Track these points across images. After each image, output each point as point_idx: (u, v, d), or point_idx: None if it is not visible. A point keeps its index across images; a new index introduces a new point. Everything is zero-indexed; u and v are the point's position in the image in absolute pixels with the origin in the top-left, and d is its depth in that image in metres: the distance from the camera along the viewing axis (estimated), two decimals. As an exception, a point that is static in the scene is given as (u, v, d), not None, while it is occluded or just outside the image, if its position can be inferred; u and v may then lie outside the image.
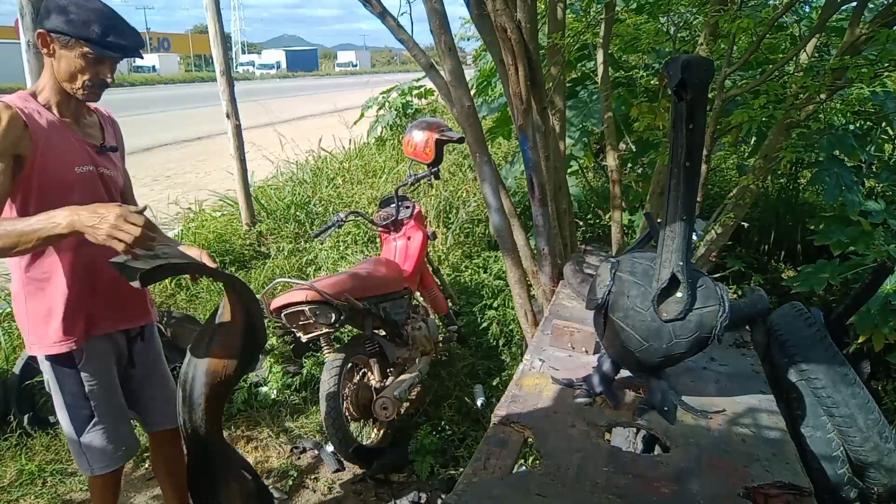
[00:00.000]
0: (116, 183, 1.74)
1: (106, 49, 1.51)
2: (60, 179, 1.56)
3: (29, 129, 1.50)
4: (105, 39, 1.50)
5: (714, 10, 2.45)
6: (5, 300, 3.48)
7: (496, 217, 2.49)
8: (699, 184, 1.79)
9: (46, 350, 1.64)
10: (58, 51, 1.52)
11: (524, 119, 2.28)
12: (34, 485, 2.56)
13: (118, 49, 1.53)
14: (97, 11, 1.51)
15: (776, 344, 2.13)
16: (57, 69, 1.55)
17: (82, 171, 1.61)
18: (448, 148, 5.15)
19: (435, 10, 2.22)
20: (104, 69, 1.56)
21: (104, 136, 1.75)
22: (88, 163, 1.64)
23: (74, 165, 1.59)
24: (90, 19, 1.48)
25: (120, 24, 1.54)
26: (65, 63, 1.53)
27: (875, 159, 3.62)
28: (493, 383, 3.15)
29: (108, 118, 1.83)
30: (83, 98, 1.60)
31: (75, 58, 1.52)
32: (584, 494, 1.25)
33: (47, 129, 1.55)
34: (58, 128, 1.58)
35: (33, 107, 1.56)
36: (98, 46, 1.50)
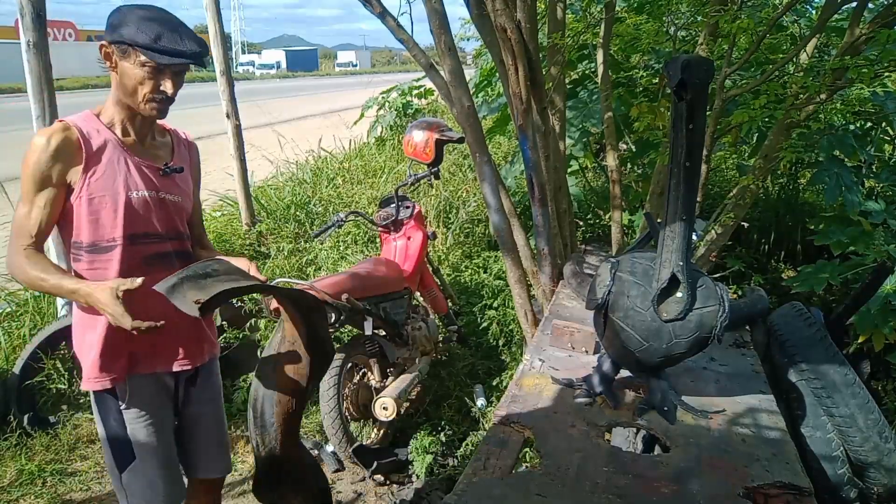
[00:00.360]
0: (182, 208, 1.62)
1: (159, 54, 1.40)
2: (111, 205, 1.48)
3: (83, 151, 1.44)
4: (158, 44, 1.40)
5: (714, 10, 2.45)
6: (5, 300, 3.48)
7: (496, 217, 2.49)
8: (699, 184, 1.79)
9: (86, 384, 1.55)
10: (119, 63, 1.44)
11: (524, 119, 2.27)
12: (34, 485, 2.56)
13: (172, 54, 1.41)
14: (154, 18, 1.43)
15: (776, 344, 2.13)
16: (119, 84, 1.47)
17: (137, 196, 1.51)
18: (448, 148, 5.14)
19: (435, 10, 2.22)
20: (164, 80, 1.45)
21: (173, 157, 1.64)
22: (147, 187, 1.53)
23: (129, 191, 1.49)
24: (144, 25, 1.41)
25: (177, 29, 1.43)
26: (124, 76, 1.44)
27: (875, 159, 3.62)
28: (493, 383, 3.15)
29: (184, 141, 1.71)
30: (147, 114, 1.50)
31: (133, 68, 1.43)
32: (584, 494, 1.25)
33: (103, 150, 1.47)
34: (116, 150, 1.49)
35: (94, 126, 1.49)
36: (150, 52, 1.40)
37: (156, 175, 1.56)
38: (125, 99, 1.48)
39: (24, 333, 3.24)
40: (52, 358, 3.04)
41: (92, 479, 2.63)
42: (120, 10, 1.44)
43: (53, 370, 3.04)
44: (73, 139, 1.43)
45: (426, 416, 2.95)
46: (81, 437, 2.87)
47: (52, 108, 3.04)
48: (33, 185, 1.42)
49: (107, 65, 1.46)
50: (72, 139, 1.43)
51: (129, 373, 1.56)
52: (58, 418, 2.96)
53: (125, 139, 1.52)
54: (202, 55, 1.46)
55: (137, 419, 1.57)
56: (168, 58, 1.41)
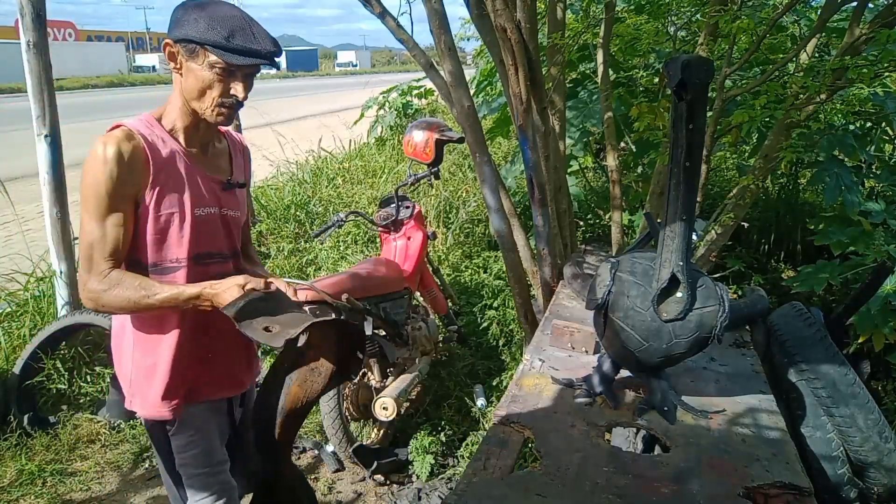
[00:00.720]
0: (238, 223, 1.53)
1: (232, 53, 1.27)
2: (177, 223, 1.36)
3: (150, 163, 1.31)
4: (231, 42, 1.26)
5: (714, 10, 2.45)
6: (5, 300, 3.48)
7: (496, 217, 2.49)
8: (699, 184, 1.79)
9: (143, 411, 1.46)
10: (185, 64, 1.31)
11: (524, 119, 2.27)
12: (34, 485, 2.56)
13: (246, 54, 1.28)
14: (225, 15, 1.29)
15: (776, 344, 2.13)
16: (185, 86, 1.33)
17: (202, 213, 1.40)
18: (448, 148, 5.14)
19: (435, 10, 2.22)
20: (236, 83, 1.32)
21: (232, 167, 1.53)
22: (211, 204, 1.42)
23: (195, 208, 1.38)
24: (215, 22, 1.27)
25: (250, 27, 1.30)
26: (191, 77, 1.31)
27: (875, 159, 3.62)
28: (493, 383, 3.15)
29: (239, 146, 1.59)
30: (214, 121, 1.36)
31: (201, 69, 1.29)
32: (584, 494, 1.25)
33: (169, 163, 1.35)
34: (182, 162, 1.37)
35: (158, 133, 1.36)
36: (222, 51, 1.26)
37: (219, 189, 1.45)
38: (190, 103, 1.35)
39: (24, 333, 3.24)
40: (52, 358, 3.04)
41: (92, 479, 2.63)
42: (185, 6, 1.31)
43: (53, 370, 3.04)
44: (140, 149, 1.31)
45: (426, 416, 2.95)
46: (81, 437, 2.87)
47: (52, 108, 3.04)
48: (103, 201, 1.28)
49: (171, 66, 1.34)
50: (139, 149, 1.30)
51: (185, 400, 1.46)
52: (58, 418, 2.96)
53: (189, 149, 1.41)
54: (276, 55, 1.32)
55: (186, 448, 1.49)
56: (241, 58, 1.27)
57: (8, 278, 3.66)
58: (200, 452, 1.50)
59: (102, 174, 1.27)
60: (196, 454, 1.49)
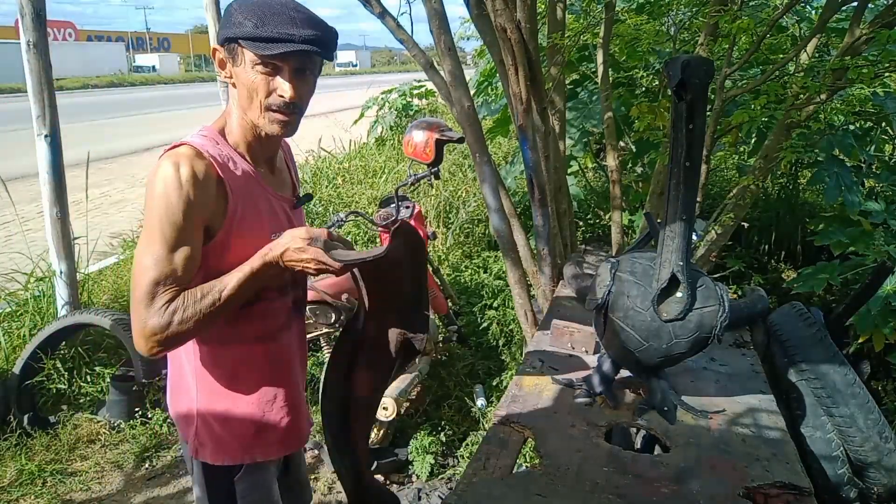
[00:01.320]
0: None
1: (260, 42, 1.07)
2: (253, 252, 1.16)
3: (225, 188, 1.14)
4: (260, 31, 1.07)
5: (714, 10, 2.45)
6: (5, 300, 3.48)
7: (496, 217, 2.48)
8: (699, 184, 1.79)
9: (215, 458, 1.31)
10: (232, 70, 1.15)
11: (524, 119, 2.27)
12: (34, 485, 2.56)
13: (277, 40, 1.06)
14: (262, 3, 1.10)
15: (776, 344, 2.13)
16: (239, 95, 1.16)
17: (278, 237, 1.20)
18: (448, 148, 5.14)
19: (435, 10, 2.22)
20: (281, 80, 1.12)
21: (294, 181, 1.38)
22: (284, 225, 1.26)
23: (271, 233, 1.20)
24: (248, 12, 1.09)
25: (290, 12, 1.09)
26: (239, 83, 1.15)
27: (875, 159, 3.62)
28: (493, 383, 3.15)
29: (286, 148, 1.41)
30: (269, 130, 1.16)
31: (244, 72, 1.12)
32: (583, 494, 1.25)
33: (244, 186, 1.18)
34: (254, 184, 1.21)
35: (226, 153, 1.17)
36: (251, 42, 1.08)
37: (289, 209, 1.30)
38: (246, 114, 1.17)
39: (24, 333, 3.24)
40: (52, 358, 3.04)
41: (92, 479, 2.63)
42: (230, 6, 1.14)
43: (53, 370, 3.04)
44: (213, 171, 1.13)
45: (426, 416, 2.95)
46: (81, 437, 2.87)
47: (52, 108, 3.04)
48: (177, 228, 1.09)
49: (223, 76, 1.18)
50: (211, 171, 1.13)
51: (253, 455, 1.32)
52: (58, 418, 2.96)
53: (259, 168, 1.24)
54: (321, 41, 1.09)
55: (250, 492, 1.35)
56: (271, 45, 1.07)
57: (8, 278, 3.66)
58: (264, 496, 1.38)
59: (177, 198, 1.08)
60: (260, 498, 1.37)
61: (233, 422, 1.28)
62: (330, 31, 1.13)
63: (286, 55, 1.09)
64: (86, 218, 3.84)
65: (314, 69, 1.18)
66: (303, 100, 1.16)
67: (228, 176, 1.15)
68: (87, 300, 3.51)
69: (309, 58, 1.13)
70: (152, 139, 11.91)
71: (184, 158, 1.10)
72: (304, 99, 1.17)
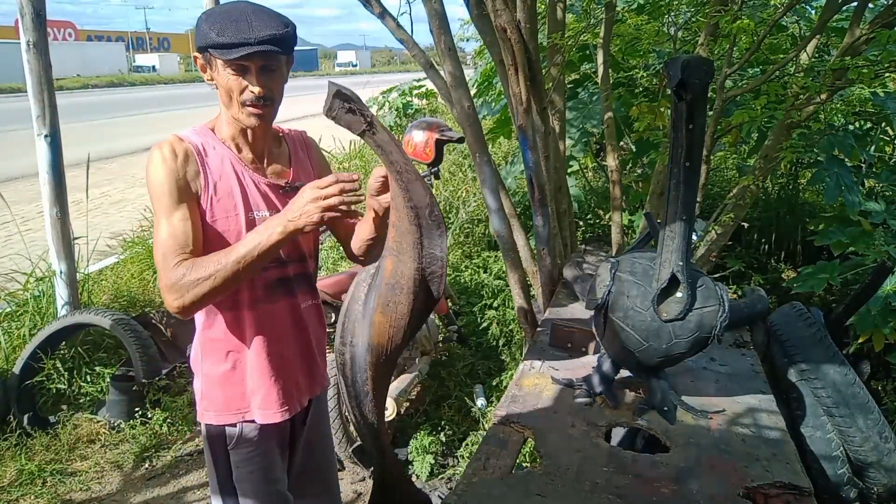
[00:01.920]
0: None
1: (224, 49, 1.21)
2: (234, 228, 1.34)
3: (202, 167, 1.32)
4: (222, 38, 1.21)
5: (714, 10, 2.45)
6: (5, 300, 3.48)
7: (496, 217, 2.48)
8: (699, 184, 1.79)
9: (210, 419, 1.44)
10: (211, 73, 1.30)
11: (524, 119, 2.27)
12: (34, 485, 2.56)
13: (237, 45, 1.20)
14: (224, 11, 1.24)
15: (776, 344, 2.13)
16: (220, 95, 1.32)
17: (259, 216, 1.37)
18: (448, 148, 5.15)
19: (435, 10, 2.22)
20: (249, 78, 1.26)
21: (292, 169, 1.47)
22: (268, 207, 1.39)
23: (248, 212, 1.36)
24: (213, 22, 1.23)
25: (245, 18, 1.22)
26: (219, 85, 1.30)
27: (875, 159, 3.62)
28: (493, 383, 3.15)
29: (299, 142, 1.53)
30: (247, 123, 1.32)
31: (220, 76, 1.27)
32: (584, 494, 1.25)
33: (221, 167, 1.34)
34: (234, 166, 1.36)
35: (210, 141, 1.36)
36: (217, 49, 1.23)
37: (276, 194, 1.41)
38: (228, 111, 1.33)
39: (24, 333, 3.25)
40: (52, 358, 3.05)
41: (92, 479, 2.63)
42: (199, 17, 1.28)
43: (53, 370, 3.04)
44: (192, 153, 1.31)
45: (426, 416, 2.95)
46: (81, 437, 2.87)
47: (52, 108, 3.04)
48: (167, 197, 1.27)
49: (206, 79, 1.32)
50: (191, 152, 1.31)
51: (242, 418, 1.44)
52: (58, 418, 2.96)
53: (242, 155, 1.39)
54: (277, 40, 1.22)
55: (245, 464, 1.46)
56: (232, 50, 1.21)
57: (8, 278, 3.66)
58: (258, 468, 1.47)
59: (162, 173, 1.28)
60: (253, 470, 1.47)
61: (225, 385, 1.42)
62: (286, 31, 1.26)
63: (247, 56, 1.22)
64: (86, 218, 3.84)
65: (279, 65, 1.31)
66: (273, 92, 1.31)
67: (205, 158, 1.33)
68: (87, 300, 3.51)
69: (270, 56, 1.26)
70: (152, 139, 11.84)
71: (165, 143, 1.31)
72: (275, 91, 1.32)
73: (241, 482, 1.47)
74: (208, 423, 1.45)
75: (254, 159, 1.41)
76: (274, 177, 1.43)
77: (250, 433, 1.45)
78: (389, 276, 1.16)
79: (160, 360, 3.03)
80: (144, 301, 3.82)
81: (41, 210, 3.31)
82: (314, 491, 1.67)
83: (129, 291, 3.82)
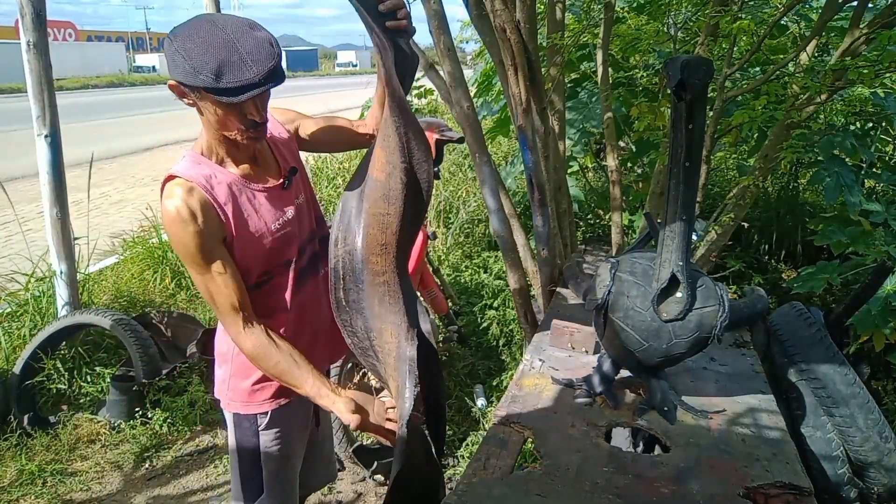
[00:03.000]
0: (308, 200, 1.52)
1: (224, 95, 1.18)
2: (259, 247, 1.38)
3: (218, 212, 1.31)
4: (221, 83, 1.16)
5: (714, 10, 2.45)
6: (5, 300, 3.48)
7: (496, 218, 2.48)
8: (699, 184, 1.79)
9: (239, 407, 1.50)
10: (197, 102, 1.26)
11: (524, 119, 2.27)
12: (34, 485, 2.56)
13: (240, 90, 1.17)
14: (207, 47, 1.16)
15: (776, 344, 2.13)
16: (206, 120, 1.29)
17: (277, 226, 1.40)
18: (448, 148, 5.15)
19: (434, 11, 2.22)
20: (248, 109, 1.24)
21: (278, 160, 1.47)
22: (280, 215, 1.41)
23: (271, 224, 1.39)
24: (199, 63, 1.16)
25: (238, 53, 1.17)
26: (208, 114, 1.27)
27: (875, 159, 3.62)
28: (493, 383, 3.15)
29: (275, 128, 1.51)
30: (249, 144, 1.34)
31: (211, 108, 1.24)
32: (583, 494, 1.25)
33: (233, 198, 1.34)
34: (240, 189, 1.36)
35: (210, 171, 1.33)
36: (216, 95, 1.18)
37: (280, 192, 1.43)
38: (218, 132, 1.31)
39: (24, 333, 3.25)
40: (52, 358, 3.05)
41: (92, 479, 2.63)
42: (170, 40, 1.20)
43: (53, 370, 3.04)
44: (206, 200, 1.29)
45: (426, 416, 2.95)
46: (81, 437, 2.87)
47: (53, 108, 3.04)
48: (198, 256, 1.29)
49: (186, 103, 1.28)
50: (204, 201, 1.29)
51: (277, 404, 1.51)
52: (58, 418, 2.96)
53: (241, 169, 1.38)
54: (276, 72, 1.20)
55: (272, 444, 1.53)
56: (237, 96, 1.17)
57: (8, 278, 3.66)
58: (283, 449, 1.54)
59: (185, 234, 1.27)
60: (281, 447, 1.54)
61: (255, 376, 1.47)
62: (279, 57, 1.22)
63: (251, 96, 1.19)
64: (86, 218, 3.84)
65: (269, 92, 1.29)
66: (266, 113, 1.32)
67: (218, 199, 1.31)
68: (87, 300, 3.51)
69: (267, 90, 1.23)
70: (152, 139, 11.91)
71: (176, 197, 1.27)
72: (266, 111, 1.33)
73: (267, 462, 1.53)
74: (236, 412, 1.50)
75: (250, 167, 1.40)
76: (269, 174, 1.44)
77: (279, 415, 1.52)
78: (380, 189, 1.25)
79: (160, 361, 3.03)
80: (144, 301, 3.82)
81: (41, 210, 3.30)
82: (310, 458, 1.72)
83: (129, 291, 3.82)
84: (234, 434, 1.54)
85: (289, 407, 1.53)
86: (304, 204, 1.49)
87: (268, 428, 1.51)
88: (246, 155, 1.39)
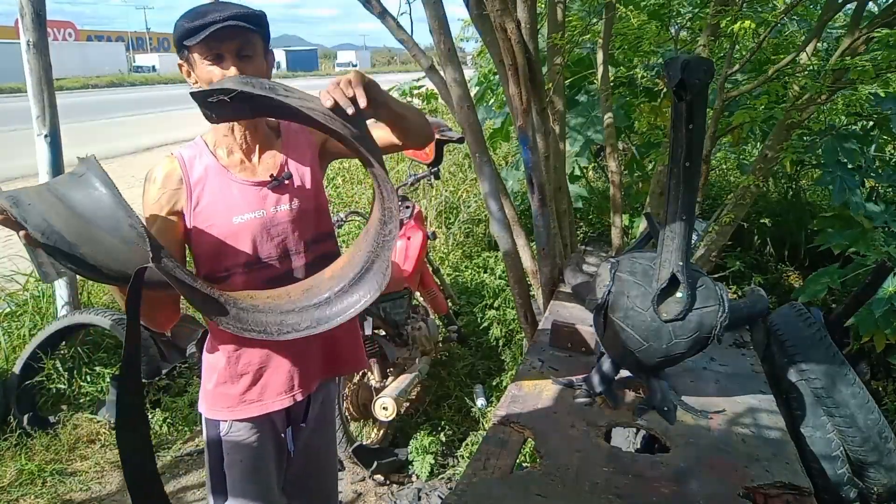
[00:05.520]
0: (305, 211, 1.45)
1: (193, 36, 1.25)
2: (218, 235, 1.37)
3: (184, 182, 1.36)
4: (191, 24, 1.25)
5: (716, 10, 2.45)
6: (5, 300, 3.48)
7: (496, 218, 2.48)
8: (699, 184, 1.79)
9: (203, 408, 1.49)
10: (195, 75, 1.32)
11: (524, 119, 2.27)
12: (34, 485, 2.56)
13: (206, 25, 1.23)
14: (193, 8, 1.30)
15: (776, 344, 2.13)
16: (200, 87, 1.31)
17: (243, 220, 1.38)
18: (448, 148, 5.15)
19: (435, 11, 2.22)
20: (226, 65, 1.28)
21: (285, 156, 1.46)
22: (252, 208, 1.39)
23: (232, 216, 1.37)
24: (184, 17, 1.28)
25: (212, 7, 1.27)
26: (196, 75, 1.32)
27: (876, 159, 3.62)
28: (493, 383, 3.15)
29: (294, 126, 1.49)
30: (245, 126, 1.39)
31: (199, 69, 1.30)
32: (583, 494, 1.25)
33: (204, 178, 1.38)
34: (216, 174, 1.39)
35: (197, 153, 1.40)
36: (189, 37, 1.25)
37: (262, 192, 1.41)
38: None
39: (24, 333, 3.25)
40: (52, 358, 3.05)
41: (92, 479, 2.63)
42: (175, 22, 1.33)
43: (53, 370, 3.04)
44: (176, 171, 1.37)
45: (426, 416, 2.95)
46: (81, 437, 2.87)
47: (52, 108, 3.04)
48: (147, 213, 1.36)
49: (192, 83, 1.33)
50: (174, 171, 1.37)
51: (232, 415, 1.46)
52: (58, 418, 2.96)
53: (230, 159, 1.40)
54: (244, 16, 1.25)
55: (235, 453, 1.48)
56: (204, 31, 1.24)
57: (8, 278, 3.66)
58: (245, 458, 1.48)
59: (148, 190, 1.37)
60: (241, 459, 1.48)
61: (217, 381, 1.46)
62: (256, 11, 1.29)
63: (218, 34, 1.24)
64: (86, 218, 3.81)
65: (254, 50, 1.32)
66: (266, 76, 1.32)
67: (190, 173, 1.37)
68: (87, 300, 3.51)
69: (242, 37, 1.28)
70: (152, 139, 11.91)
71: (156, 165, 1.39)
72: None
73: (231, 469, 1.48)
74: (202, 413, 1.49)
75: (243, 159, 1.41)
76: (265, 172, 1.42)
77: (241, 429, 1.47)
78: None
79: (160, 360, 3.03)
80: (144, 301, 3.81)
81: (41, 210, 3.30)
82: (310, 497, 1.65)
83: (129, 291, 3.82)
84: (205, 433, 1.52)
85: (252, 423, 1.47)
86: (294, 210, 1.43)
87: (229, 436, 1.47)
88: (241, 143, 1.41)
